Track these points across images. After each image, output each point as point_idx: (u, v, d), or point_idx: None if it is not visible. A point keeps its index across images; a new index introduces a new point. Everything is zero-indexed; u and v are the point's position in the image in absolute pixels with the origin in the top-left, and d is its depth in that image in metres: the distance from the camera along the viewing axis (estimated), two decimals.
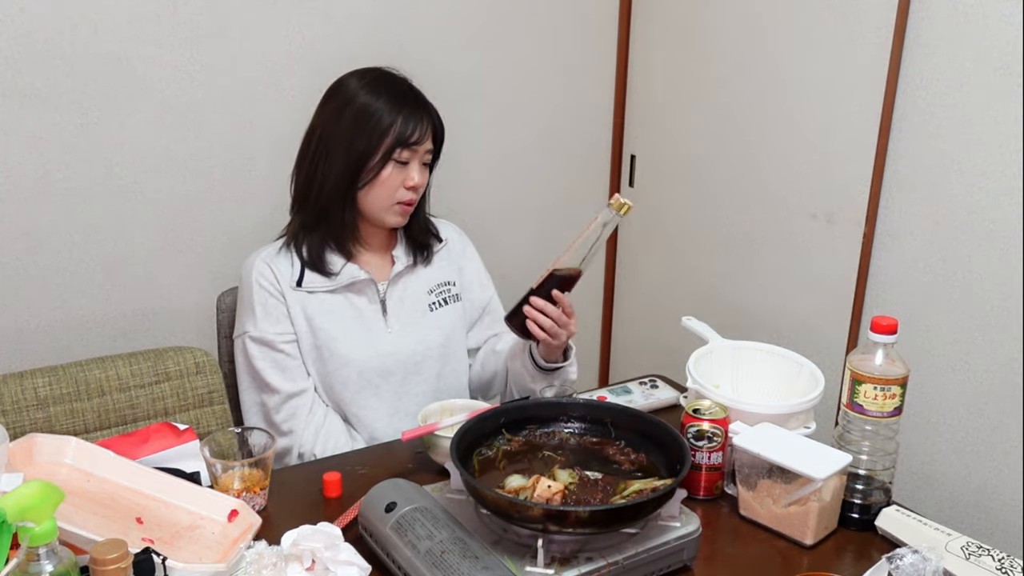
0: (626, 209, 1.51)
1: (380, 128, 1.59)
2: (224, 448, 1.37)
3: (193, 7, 1.88)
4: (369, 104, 1.60)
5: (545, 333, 1.56)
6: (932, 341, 1.85)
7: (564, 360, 1.69)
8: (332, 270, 1.65)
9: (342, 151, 1.60)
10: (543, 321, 1.56)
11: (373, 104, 1.60)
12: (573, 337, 1.65)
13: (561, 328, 1.57)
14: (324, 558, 1.16)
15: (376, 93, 1.61)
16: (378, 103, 1.59)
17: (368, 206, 1.64)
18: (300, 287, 1.64)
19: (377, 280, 1.69)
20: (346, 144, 1.60)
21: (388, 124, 1.59)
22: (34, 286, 1.88)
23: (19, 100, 1.78)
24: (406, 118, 1.60)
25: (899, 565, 1.15)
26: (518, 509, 1.13)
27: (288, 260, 1.66)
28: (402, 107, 1.60)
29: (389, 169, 1.61)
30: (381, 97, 1.60)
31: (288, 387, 1.64)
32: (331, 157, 1.61)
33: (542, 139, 2.43)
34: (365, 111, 1.59)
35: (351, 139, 1.60)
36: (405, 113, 1.60)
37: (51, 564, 0.98)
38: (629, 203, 1.51)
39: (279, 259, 1.66)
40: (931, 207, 1.82)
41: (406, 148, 1.60)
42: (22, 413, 1.58)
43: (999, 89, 1.67)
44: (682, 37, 2.31)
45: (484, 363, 1.82)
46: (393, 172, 1.61)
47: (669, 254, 2.46)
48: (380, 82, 1.63)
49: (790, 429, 1.43)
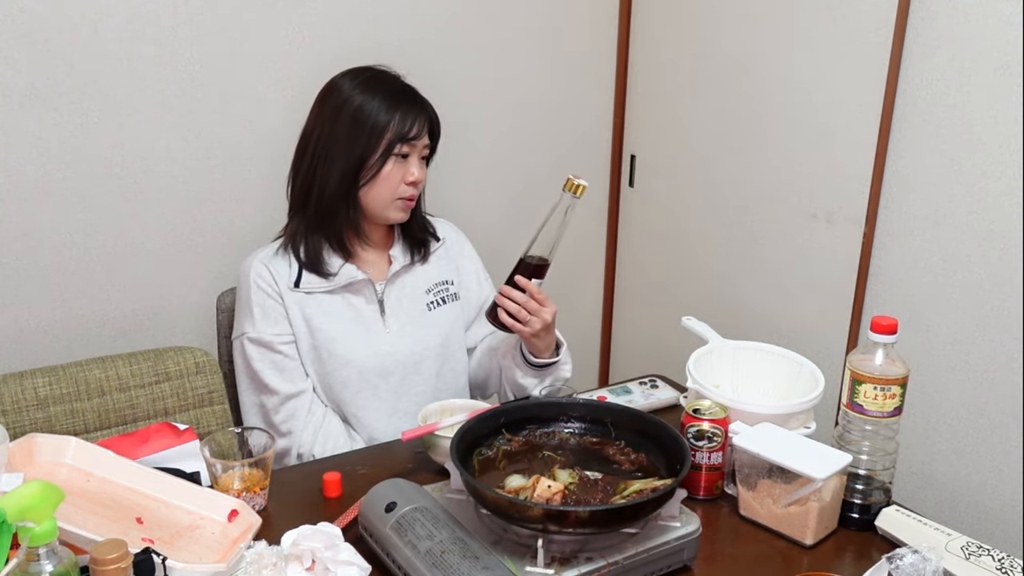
0: (581, 190, 1.54)
1: (379, 126, 1.59)
2: (224, 448, 1.37)
3: (193, 7, 1.88)
4: (365, 104, 1.60)
5: (514, 320, 1.57)
6: (932, 341, 1.85)
7: (556, 356, 1.69)
8: (330, 271, 1.65)
9: (342, 153, 1.61)
10: (509, 307, 1.57)
11: (369, 103, 1.60)
12: (558, 329, 1.66)
13: (531, 315, 1.58)
14: (324, 558, 1.16)
15: (371, 92, 1.61)
16: (374, 102, 1.60)
17: (370, 204, 1.64)
18: (298, 288, 1.64)
19: (375, 280, 1.69)
20: (345, 145, 1.60)
21: (386, 121, 1.60)
22: (34, 286, 1.88)
23: (19, 100, 1.78)
24: (404, 114, 1.61)
25: (899, 565, 1.15)
26: (518, 509, 1.13)
27: (286, 261, 1.66)
28: (399, 103, 1.61)
29: (390, 165, 1.61)
30: (377, 96, 1.61)
31: (287, 388, 1.64)
32: (330, 159, 1.61)
33: (542, 139, 2.43)
34: (362, 111, 1.60)
35: (350, 140, 1.60)
36: (403, 109, 1.61)
37: (51, 564, 0.98)
38: (583, 183, 1.54)
39: (277, 260, 1.66)
40: (931, 207, 1.82)
41: (405, 143, 1.61)
42: (22, 413, 1.58)
43: (999, 89, 1.67)
44: (682, 37, 2.30)
45: (480, 361, 1.82)
46: (394, 168, 1.62)
47: (669, 254, 2.46)
48: (374, 81, 1.64)
49: (790, 429, 1.43)
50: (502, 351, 1.74)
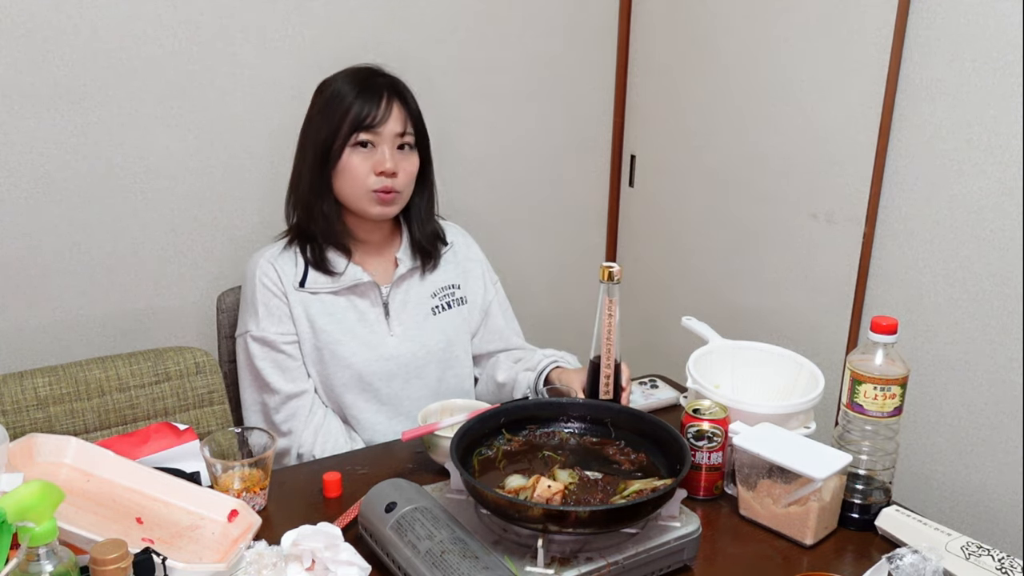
0: (617, 275, 1.42)
1: (339, 112, 1.60)
2: (224, 448, 1.37)
3: (193, 7, 1.88)
4: (335, 94, 1.61)
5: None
6: (932, 341, 1.85)
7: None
8: (335, 269, 1.65)
9: (311, 147, 1.63)
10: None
11: (338, 94, 1.61)
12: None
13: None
14: (324, 558, 1.16)
15: (345, 84, 1.62)
16: (342, 92, 1.61)
17: (344, 195, 1.64)
18: (303, 288, 1.64)
19: (380, 283, 1.69)
20: (313, 139, 1.62)
21: (346, 108, 1.59)
22: (34, 286, 1.88)
23: (19, 100, 1.78)
24: (365, 101, 1.59)
25: (899, 565, 1.16)
26: (518, 509, 1.13)
27: (292, 260, 1.66)
28: (363, 91, 1.60)
29: (352, 154, 1.60)
30: (347, 85, 1.62)
31: (288, 388, 1.64)
32: (304, 155, 1.64)
33: (542, 139, 2.43)
34: (331, 101, 1.61)
35: (317, 132, 1.62)
36: (364, 96, 1.60)
37: (51, 564, 0.98)
38: (612, 267, 1.41)
39: (283, 259, 1.66)
40: (931, 207, 1.82)
41: (364, 131, 1.60)
42: (22, 413, 1.58)
43: (999, 89, 1.67)
44: (682, 37, 2.31)
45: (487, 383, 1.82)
46: (356, 157, 1.60)
47: (669, 254, 2.46)
48: (354, 74, 1.64)
49: (790, 429, 1.43)
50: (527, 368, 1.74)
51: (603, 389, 1.47)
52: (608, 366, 1.46)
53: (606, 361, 1.46)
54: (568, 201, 2.52)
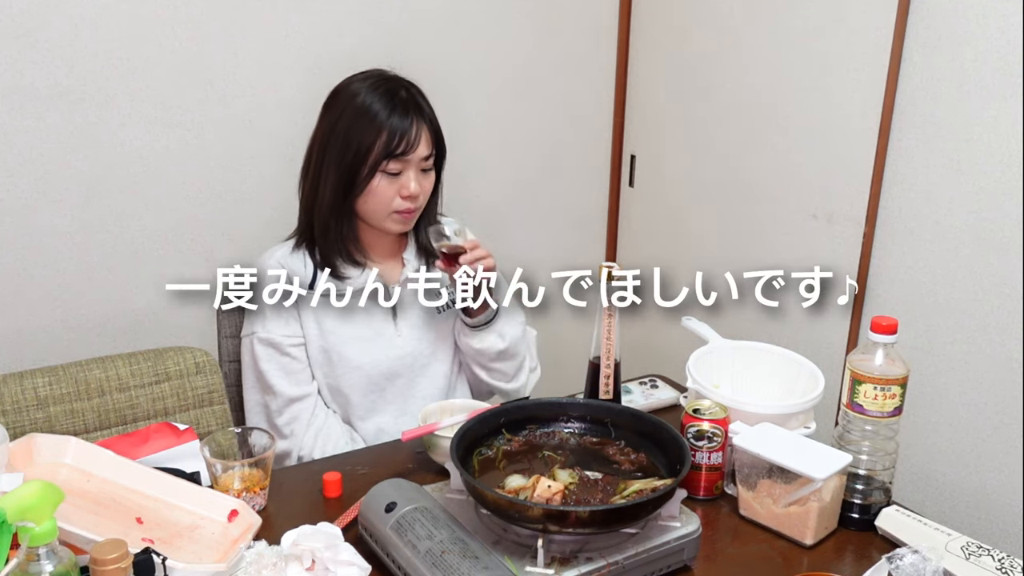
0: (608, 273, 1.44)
1: (370, 132, 1.56)
2: (224, 448, 1.37)
3: (193, 7, 1.88)
4: (364, 108, 1.57)
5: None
6: (932, 341, 1.85)
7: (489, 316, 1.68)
8: (344, 273, 1.65)
9: (334, 166, 1.59)
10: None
11: (360, 119, 1.57)
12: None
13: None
14: (324, 558, 1.16)
15: (366, 105, 1.57)
16: (364, 119, 1.56)
17: (364, 213, 1.63)
18: (312, 290, 1.64)
19: (388, 284, 1.69)
20: (338, 159, 1.58)
21: (377, 129, 1.56)
22: (34, 286, 1.88)
23: (19, 100, 1.78)
24: (392, 130, 1.56)
25: (899, 565, 1.15)
26: (518, 509, 1.13)
27: (301, 261, 1.65)
28: (389, 117, 1.57)
29: (379, 181, 1.58)
30: (369, 110, 1.57)
31: (292, 391, 1.64)
32: (326, 172, 1.60)
33: (542, 139, 2.43)
34: (361, 114, 1.57)
35: (342, 154, 1.58)
36: (391, 125, 1.56)
37: (51, 564, 0.98)
38: (612, 267, 1.44)
39: (293, 260, 1.65)
40: (931, 207, 1.82)
41: (394, 160, 1.58)
42: (22, 413, 1.58)
43: (999, 89, 1.67)
44: (682, 37, 2.31)
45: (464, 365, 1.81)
46: (383, 183, 1.59)
47: (669, 254, 2.46)
48: (372, 91, 1.59)
49: (790, 429, 1.43)
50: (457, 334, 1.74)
51: (603, 389, 1.47)
52: (608, 366, 1.46)
53: (606, 361, 1.46)
54: (568, 201, 2.52)
